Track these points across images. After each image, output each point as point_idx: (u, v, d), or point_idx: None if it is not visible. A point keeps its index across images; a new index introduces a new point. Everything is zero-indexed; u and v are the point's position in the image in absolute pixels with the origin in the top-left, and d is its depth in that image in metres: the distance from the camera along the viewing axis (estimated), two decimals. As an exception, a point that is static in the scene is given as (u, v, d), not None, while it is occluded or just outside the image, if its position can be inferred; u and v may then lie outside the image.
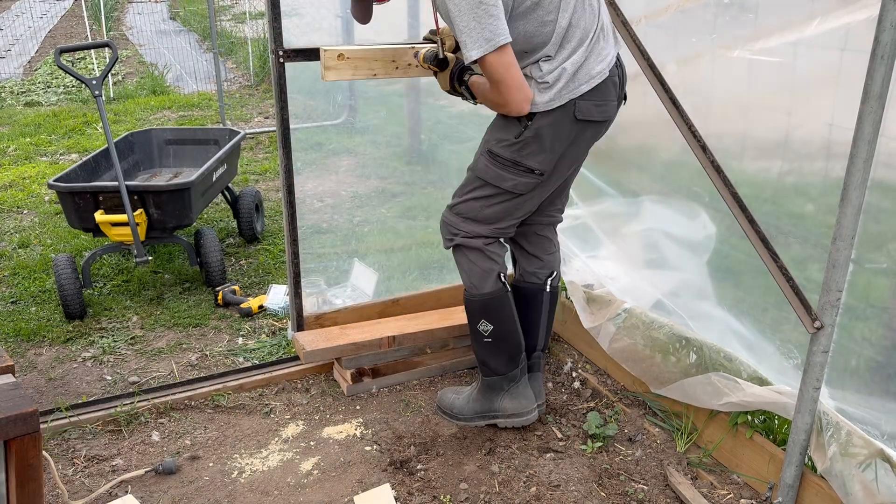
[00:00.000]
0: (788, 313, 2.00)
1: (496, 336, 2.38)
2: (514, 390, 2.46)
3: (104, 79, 3.49)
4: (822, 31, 2.00)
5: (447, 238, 2.37)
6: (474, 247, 2.32)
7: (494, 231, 2.32)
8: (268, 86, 8.19)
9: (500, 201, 2.25)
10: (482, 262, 2.33)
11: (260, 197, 4.19)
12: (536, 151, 2.13)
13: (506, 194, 2.23)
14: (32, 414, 1.44)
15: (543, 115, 2.07)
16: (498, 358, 2.43)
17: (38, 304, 3.42)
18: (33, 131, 6.53)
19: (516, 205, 2.27)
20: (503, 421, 2.48)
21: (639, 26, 2.36)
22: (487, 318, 2.36)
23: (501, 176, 2.20)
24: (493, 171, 2.21)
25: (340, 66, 2.30)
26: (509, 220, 2.31)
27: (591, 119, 2.11)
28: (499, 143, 2.18)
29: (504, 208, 2.27)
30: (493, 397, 2.47)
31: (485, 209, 2.28)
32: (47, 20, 14.67)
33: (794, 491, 2.04)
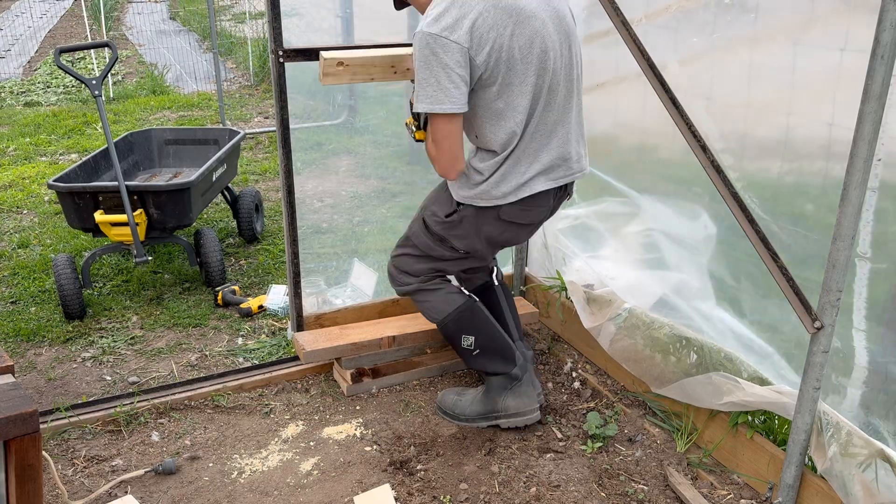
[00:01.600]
0: (788, 313, 2.00)
1: (482, 345, 2.46)
2: (517, 389, 2.48)
3: (104, 79, 3.49)
4: (822, 31, 2.00)
5: (398, 289, 2.51)
6: (415, 290, 2.46)
7: (431, 272, 2.44)
8: (268, 86, 8.19)
9: (431, 262, 2.42)
10: (430, 296, 2.44)
11: (260, 197, 4.18)
12: (462, 235, 2.29)
13: (435, 259, 2.40)
14: (32, 414, 1.44)
15: (468, 208, 2.22)
16: (493, 362, 2.47)
17: (37, 304, 3.42)
18: (33, 131, 6.53)
19: (445, 266, 2.43)
20: (506, 421, 2.49)
21: (639, 26, 2.36)
22: (467, 333, 2.44)
23: (429, 246, 2.37)
24: (423, 240, 2.38)
25: (339, 71, 2.31)
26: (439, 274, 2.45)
27: (515, 221, 2.24)
28: (432, 216, 2.33)
29: (434, 265, 2.42)
30: (496, 397, 2.49)
31: (417, 264, 2.44)
32: (47, 20, 14.67)
33: (794, 491, 2.04)
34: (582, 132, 2.29)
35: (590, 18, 2.74)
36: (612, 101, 2.79)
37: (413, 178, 3.27)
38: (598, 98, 2.81)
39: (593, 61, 2.79)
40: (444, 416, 2.57)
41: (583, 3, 2.75)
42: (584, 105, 2.90)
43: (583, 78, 2.27)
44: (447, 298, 2.43)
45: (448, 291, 2.44)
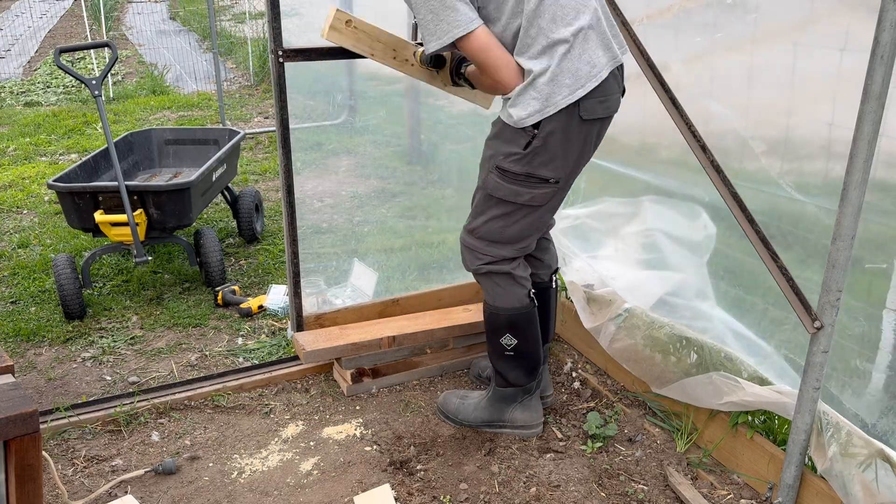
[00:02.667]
0: (788, 313, 2.00)
1: (519, 351, 2.35)
2: (526, 402, 2.45)
3: (104, 79, 3.49)
4: (822, 32, 2.00)
5: (474, 264, 2.29)
6: (503, 272, 2.26)
7: (519, 251, 2.26)
8: (267, 86, 8.19)
9: (521, 217, 2.16)
10: (511, 287, 2.28)
11: (260, 197, 4.18)
12: (548, 160, 2.05)
13: (525, 209, 2.14)
14: (32, 414, 1.44)
15: (549, 121, 1.98)
16: (518, 371, 2.40)
17: (37, 304, 3.42)
18: (33, 131, 6.53)
19: (537, 218, 2.19)
20: (510, 431, 2.48)
21: (639, 26, 2.36)
22: (513, 333, 2.33)
23: (516, 191, 2.10)
24: (507, 188, 2.11)
25: (345, 31, 2.28)
26: (533, 235, 2.25)
27: (597, 117, 2.03)
28: (507, 158, 2.07)
29: (526, 224, 2.18)
30: (504, 407, 2.46)
31: (506, 229, 2.19)
32: (47, 20, 14.67)
33: (794, 491, 2.04)
34: None
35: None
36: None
37: (413, 178, 3.28)
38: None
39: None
40: (446, 419, 2.54)
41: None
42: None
43: None
44: (517, 293, 2.28)
45: (522, 288, 2.29)
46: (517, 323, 2.32)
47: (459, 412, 2.51)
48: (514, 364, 2.39)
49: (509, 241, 2.22)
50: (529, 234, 2.23)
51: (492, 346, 2.40)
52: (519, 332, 2.33)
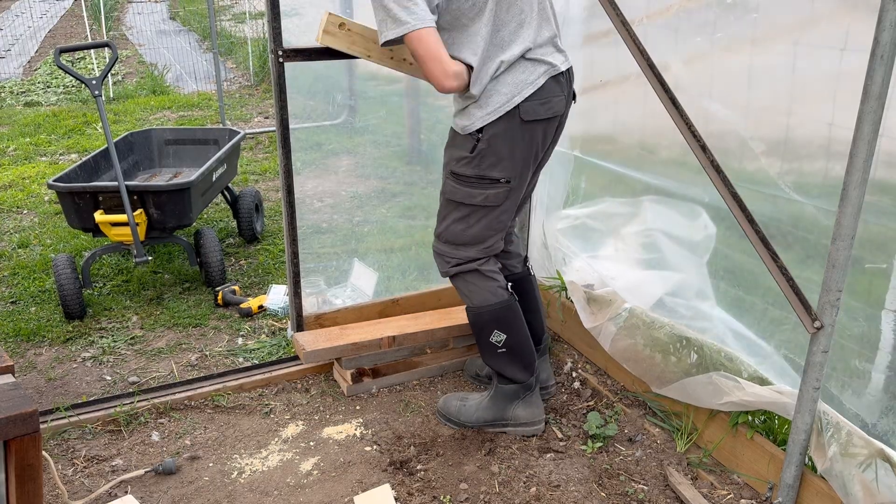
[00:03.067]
0: (788, 313, 2.00)
1: (510, 345, 2.38)
2: (528, 399, 2.47)
3: (104, 79, 3.49)
4: (822, 31, 2.00)
5: (444, 268, 2.39)
6: (470, 270, 2.35)
7: (484, 251, 2.34)
8: (268, 86, 8.19)
9: (479, 218, 2.27)
10: (482, 282, 2.35)
11: (260, 197, 4.18)
12: (496, 161, 2.17)
13: (482, 209, 2.25)
14: (32, 414, 1.44)
15: (491, 125, 2.12)
16: (514, 366, 2.42)
17: (37, 304, 3.42)
18: (33, 131, 6.53)
19: (495, 217, 2.29)
20: (513, 430, 2.49)
21: (639, 26, 2.36)
22: (500, 329, 2.36)
23: (470, 193, 2.23)
24: (462, 191, 2.24)
25: (339, 34, 2.29)
26: (494, 235, 2.33)
27: (539, 118, 2.16)
28: (459, 162, 2.21)
29: (485, 224, 2.29)
30: (506, 406, 2.47)
31: (467, 230, 2.30)
32: (47, 20, 14.67)
33: (794, 491, 2.04)
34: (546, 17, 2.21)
35: (590, 18, 2.74)
36: (613, 101, 2.79)
37: (413, 178, 3.27)
38: (599, 97, 2.81)
39: (593, 61, 2.80)
40: (448, 423, 2.54)
41: (583, 3, 2.75)
42: (583, 105, 2.91)
43: None
44: (489, 286, 2.35)
45: (497, 285, 2.36)
46: (501, 317, 2.36)
47: (461, 414, 2.52)
48: (508, 360, 2.41)
49: (472, 242, 2.32)
50: (491, 234, 2.31)
51: (483, 347, 2.43)
52: (505, 325, 2.37)
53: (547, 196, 3.10)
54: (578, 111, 2.91)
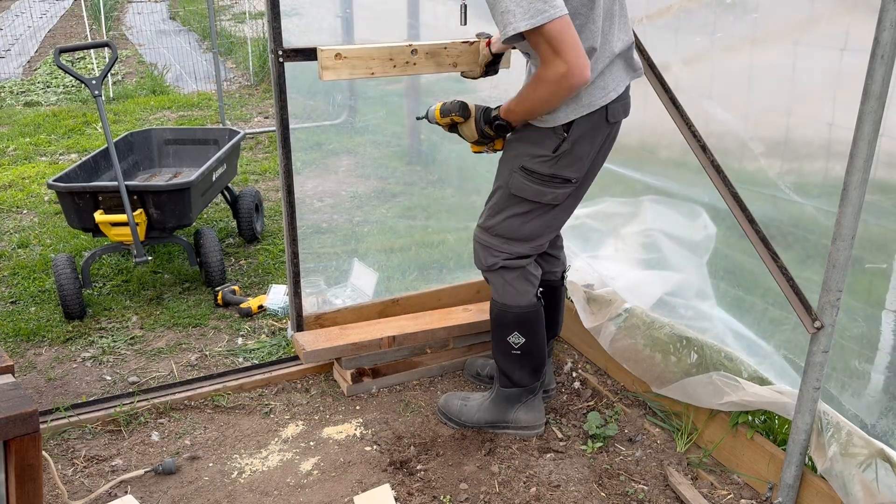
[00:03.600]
0: (788, 313, 2.00)
1: (526, 349, 2.37)
2: (530, 402, 2.46)
3: (104, 79, 3.49)
4: (822, 31, 2.00)
5: (489, 261, 2.32)
6: (516, 267, 2.29)
7: (534, 248, 2.29)
8: (267, 86, 8.19)
9: (539, 215, 2.22)
10: (521, 285, 2.31)
11: (260, 197, 4.18)
12: (574, 161, 2.11)
13: (544, 207, 2.20)
14: (32, 414, 1.44)
15: (580, 124, 2.04)
16: (523, 370, 2.41)
17: (37, 304, 3.42)
18: (33, 131, 6.53)
19: (555, 216, 2.25)
20: (513, 432, 2.49)
21: (639, 26, 2.36)
22: (521, 332, 2.34)
23: (541, 191, 2.16)
24: (532, 188, 2.15)
25: (338, 65, 2.30)
26: (549, 233, 2.29)
27: (618, 119, 2.12)
28: (534, 159, 2.12)
29: (544, 222, 2.24)
30: (507, 408, 2.47)
31: (523, 226, 2.24)
32: (47, 20, 14.67)
33: (794, 491, 2.04)
34: None
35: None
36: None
37: (413, 179, 3.28)
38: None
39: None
40: (449, 422, 2.53)
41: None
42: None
43: None
44: (527, 291, 2.31)
45: (532, 289, 2.32)
46: (526, 321, 2.34)
47: (462, 414, 2.51)
48: (520, 364, 2.40)
49: (525, 239, 2.26)
50: (544, 233, 2.27)
51: (498, 344, 2.40)
52: (527, 330, 2.35)
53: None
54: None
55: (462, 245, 3.22)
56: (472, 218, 3.02)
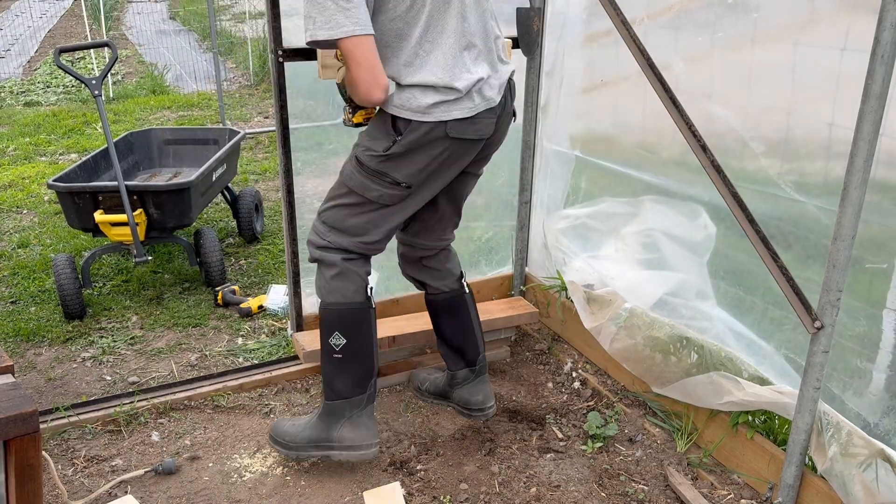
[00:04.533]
0: (788, 313, 2.00)
1: (348, 352, 2.20)
2: (356, 419, 2.24)
3: (104, 79, 3.49)
4: (822, 31, 2.00)
5: (312, 245, 2.24)
6: (331, 262, 2.19)
7: (359, 245, 2.19)
8: (267, 85, 8.19)
9: (366, 211, 2.15)
10: (339, 281, 2.19)
11: (259, 197, 4.18)
12: (403, 166, 2.06)
13: (371, 204, 2.13)
14: (32, 414, 1.44)
15: (412, 131, 2.00)
16: (345, 378, 2.22)
17: (37, 304, 3.42)
18: (33, 131, 6.53)
19: (383, 216, 2.16)
20: (338, 453, 2.25)
21: (640, 26, 2.36)
22: (342, 331, 2.19)
23: (366, 185, 2.10)
24: (358, 180, 2.11)
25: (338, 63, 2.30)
26: (375, 233, 2.18)
27: (466, 137, 2.04)
28: (366, 152, 2.08)
29: (369, 219, 2.16)
30: (332, 425, 2.25)
31: (349, 218, 2.16)
32: (47, 20, 14.67)
33: (794, 491, 2.04)
34: None
35: (590, 18, 2.74)
36: (613, 101, 2.79)
37: (413, 178, 3.26)
38: (599, 97, 2.81)
39: (593, 61, 2.80)
40: (275, 445, 2.32)
41: (583, 3, 2.75)
42: (585, 105, 2.91)
43: None
44: (346, 288, 2.18)
45: (354, 288, 2.19)
46: (347, 320, 2.20)
47: (286, 434, 2.31)
48: (340, 369, 2.22)
49: (349, 232, 2.18)
50: (369, 231, 2.17)
51: (322, 348, 2.25)
52: (348, 331, 2.19)
53: (547, 196, 3.10)
54: (578, 111, 2.91)
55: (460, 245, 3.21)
56: (470, 218, 3.03)
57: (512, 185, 3.12)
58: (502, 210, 3.25)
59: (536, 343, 3.08)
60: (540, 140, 3.04)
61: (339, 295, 2.19)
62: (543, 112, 3.00)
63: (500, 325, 2.95)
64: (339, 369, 2.23)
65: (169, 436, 2.49)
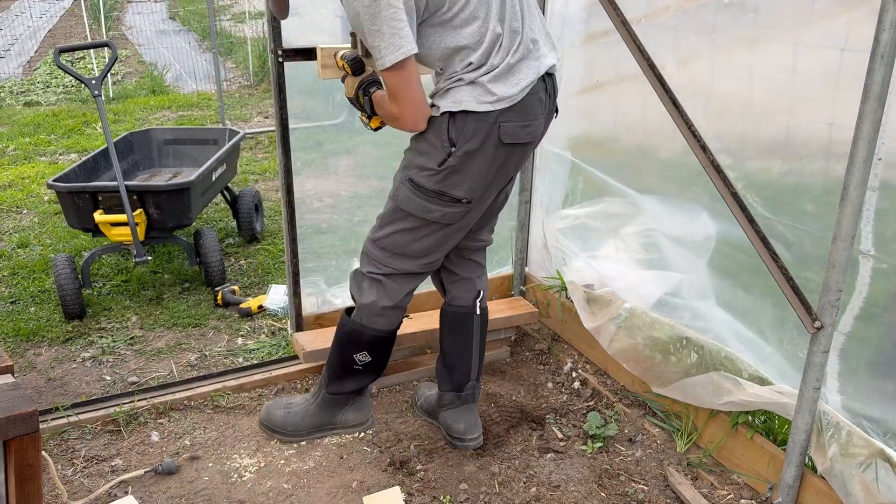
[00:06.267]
0: (788, 313, 1.99)
1: (369, 367, 2.32)
2: (358, 402, 2.44)
3: (103, 79, 3.49)
4: (822, 31, 2.00)
5: (371, 272, 2.19)
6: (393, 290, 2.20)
7: (423, 266, 2.18)
8: (267, 85, 8.18)
9: (429, 233, 2.10)
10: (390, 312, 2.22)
11: (259, 197, 4.18)
12: (462, 180, 1.99)
13: (433, 225, 2.08)
14: (32, 414, 1.44)
15: (467, 140, 1.93)
16: (356, 382, 2.37)
17: (37, 304, 3.41)
18: (32, 131, 6.53)
19: (445, 236, 2.12)
20: (342, 431, 2.46)
21: (639, 26, 2.35)
22: (370, 351, 2.27)
23: (426, 207, 2.04)
24: (417, 203, 2.04)
25: (336, 65, 2.30)
26: (438, 252, 2.17)
27: (517, 142, 2.00)
28: (420, 172, 2.02)
29: (433, 241, 2.11)
30: (335, 411, 2.42)
31: (413, 243, 2.12)
32: (46, 20, 14.67)
33: (794, 491, 2.04)
34: None
35: (590, 18, 2.74)
36: (613, 101, 2.79)
37: (413, 178, 3.26)
38: (599, 97, 2.81)
39: (593, 61, 2.80)
40: (274, 433, 2.41)
41: (583, 3, 2.75)
42: (584, 105, 2.91)
43: None
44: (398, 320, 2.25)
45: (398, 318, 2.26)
46: (379, 343, 2.27)
47: (287, 424, 2.41)
48: (356, 377, 2.34)
49: (414, 256, 2.14)
50: (434, 251, 2.15)
51: (340, 357, 2.29)
52: (378, 351, 2.28)
53: (547, 196, 3.10)
54: (578, 111, 2.91)
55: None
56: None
57: (512, 185, 3.12)
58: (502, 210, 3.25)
59: (536, 343, 3.08)
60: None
61: (386, 323, 2.23)
62: (543, 112, 3.00)
63: (500, 325, 2.95)
64: (353, 377, 2.34)
65: (169, 436, 2.49)
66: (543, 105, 2.04)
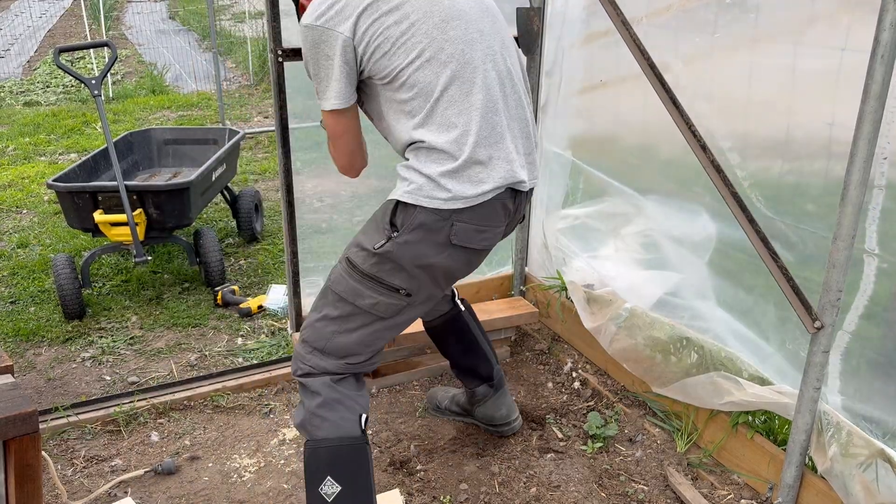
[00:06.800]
0: (788, 313, 1.99)
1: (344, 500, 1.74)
2: None
3: (103, 78, 3.49)
4: (822, 31, 2.00)
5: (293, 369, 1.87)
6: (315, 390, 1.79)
7: (345, 367, 1.81)
8: (267, 85, 8.18)
9: (356, 326, 1.79)
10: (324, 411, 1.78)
11: (259, 197, 4.18)
12: (396, 271, 1.74)
13: (364, 316, 1.77)
14: (31, 414, 1.44)
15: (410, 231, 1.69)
16: None
17: (37, 304, 3.41)
18: (32, 131, 6.53)
19: (375, 333, 1.80)
20: None
21: (639, 26, 2.35)
22: (335, 476, 1.74)
23: (357, 291, 1.76)
24: (348, 284, 1.77)
25: None
26: (364, 353, 1.82)
27: (469, 247, 1.75)
28: (359, 252, 1.77)
29: (360, 336, 1.79)
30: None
31: (337, 336, 1.79)
32: (46, 19, 14.67)
33: (794, 491, 2.04)
34: None
35: (590, 18, 2.74)
36: (613, 101, 2.79)
37: (413, 178, 3.26)
38: (599, 97, 2.81)
39: (593, 61, 2.80)
40: None
41: (583, 3, 2.75)
42: (584, 105, 2.91)
43: None
44: (347, 420, 1.78)
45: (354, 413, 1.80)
46: (342, 461, 1.76)
47: None
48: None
49: (335, 353, 1.81)
50: (361, 350, 1.81)
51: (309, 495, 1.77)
52: (343, 475, 1.74)
53: (547, 196, 3.10)
54: (578, 111, 2.91)
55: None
56: (471, 218, 3.01)
57: (512, 185, 3.12)
58: (502, 210, 3.25)
59: (536, 343, 3.08)
60: (540, 140, 3.04)
61: (330, 428, 1.76)
62: (543, 112, 3.00)
63: (499, 325, 2.95)
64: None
65: (168, 436, 2.49)
66: (508, 210, 1.80)
